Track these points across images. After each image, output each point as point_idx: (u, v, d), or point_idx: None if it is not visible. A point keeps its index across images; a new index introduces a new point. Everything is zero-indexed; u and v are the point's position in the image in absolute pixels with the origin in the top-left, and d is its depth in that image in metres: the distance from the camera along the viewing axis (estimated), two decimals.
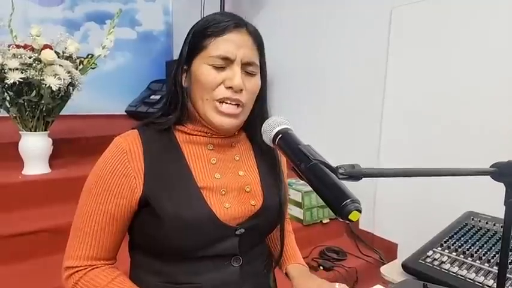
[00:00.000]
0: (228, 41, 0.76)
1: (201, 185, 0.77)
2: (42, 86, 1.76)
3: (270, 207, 0.84)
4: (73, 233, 0.77)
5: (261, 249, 0.89)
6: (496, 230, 1.24)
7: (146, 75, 3.64)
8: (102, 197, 0.74)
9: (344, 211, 0.45)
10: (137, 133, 0.78)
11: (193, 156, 0.80)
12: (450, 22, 1.66)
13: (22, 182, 1.85)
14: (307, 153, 0.55)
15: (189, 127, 0.81)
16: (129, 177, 0.74)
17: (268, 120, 0.68)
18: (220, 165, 0.82)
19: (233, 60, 0.76)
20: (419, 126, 1.78)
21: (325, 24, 2.29)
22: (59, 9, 3.37)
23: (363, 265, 1.90)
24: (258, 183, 0.86)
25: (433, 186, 1.62)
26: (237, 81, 0.75)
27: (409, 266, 1.17)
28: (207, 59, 0.76)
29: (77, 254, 0.75)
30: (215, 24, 0.76)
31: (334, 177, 0.50)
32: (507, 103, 1.46)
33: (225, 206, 0.77)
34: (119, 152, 0.75)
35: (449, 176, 0.68)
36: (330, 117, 2.30)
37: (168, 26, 3.95)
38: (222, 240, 0.77)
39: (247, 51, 0.77)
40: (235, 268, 0.80)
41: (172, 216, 0.72)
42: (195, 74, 0.77)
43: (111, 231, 0.76)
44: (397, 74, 1.89)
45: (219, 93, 0.76)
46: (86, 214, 0.75)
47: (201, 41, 0.77)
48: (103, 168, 0.75)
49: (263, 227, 0.85)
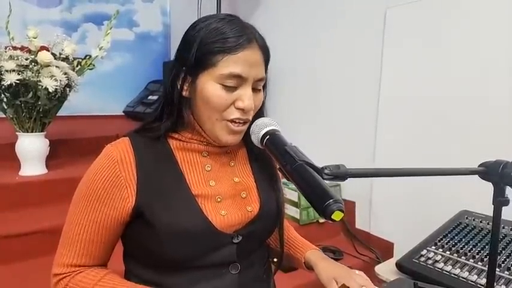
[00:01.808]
0: (241, 60, 0.71)
1: (195, 192, 0.75)
2: (38, 87, 1.76)
3: (267, 212, 0.82)
4: (62, 240, 0.76)
5: (260, 255, 0.87)
6: (490, 228, 1.24)
7: (144, 75, 3.65)
8: (92, 206, 0.72)
9: (327, 211, 0.46)
10: (128, 141, 0.76)
11: (187, 163, 0.78)
12: (445, 22, 1.66)
13: (19, 182, 1.85)
14: (293, 154, 0.56)
15: (184, 135, 0.79)
16: (120, 187, 0.72)
17: (257, 122, 0.69)
18: (215, 172, 0.80)
19: (245, 80, 0.72)
20: (414, 127, 1.78)
21: (320, 25, 2.29)
22: (56, 10, 3.37)
23: (360, 264, 1.90)
24: (254, 188, 0.84)
25: (429, 185, 1.62)
26: (248, 103, 0.72)
27: (403, 265, 1.18)
28: (217, 77, 0.71)
29: (64, 261, 0.74)
30: (224, 38, 0.71)
31: (318, 177, 0.51)
32: (504, 103, 1.47)
33: (221, 214, 0.75)
34: (110, 162, 0.72)
35: (437, 175, 0.68)
36: (324, 118, 2.30)
37: (165, 27, 3.96)
38: (219, 248, 0.75)
39: (258, 69, 0.74)
40: (233, 275, 0.78)
41: (167, 226, 0.70)
42: (202, 91, 0.73)
43: (99, 241, 0.74)
44: (391, 75, 1.89)
45: (229, 114, 0.73)
46: (75, 222, 0.74)
47: (210, 56, 0.71)
48: (93, 177, 0.73)
49: (261, 233, 0.84)
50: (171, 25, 3.96)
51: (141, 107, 3.34)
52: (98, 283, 0.73)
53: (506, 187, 0.67)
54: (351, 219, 2.15)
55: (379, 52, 1.93)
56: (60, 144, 2.23)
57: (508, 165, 0.67)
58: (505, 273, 1.05)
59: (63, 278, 0.74)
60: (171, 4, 3.95)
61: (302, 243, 0.98)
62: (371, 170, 0.56)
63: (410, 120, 1.80)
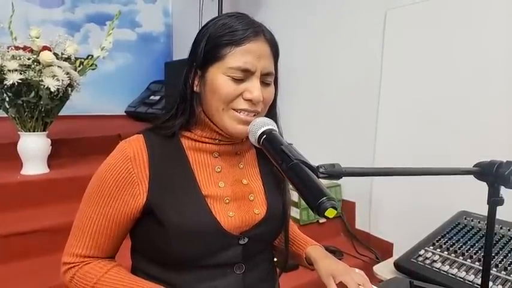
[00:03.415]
0: (248, 51, 0.73)
1: (205, 193, 0.76)
2: (40, 87, 1.77)
3: (273, 215, 0.83)
4: (73, 231, 0.78)
5: (265, 256, 0.88)
6: None
7: (146, 76, 3.66)
8: (104, 200, 0.74)
9: (320, 208, 0.47)
10: (142, 138, 0.77)
11: (198, 163, 0.79)
12: (444, 24, 1.67)
13: (21, 181, 1.86)
14: (288, 153, 0.56)
15: (196, 133, 0.80)
16: (132, 183, 0.73)
17: (254, 121, 0.70)
18: (225, 173, 0.81)
19: (253, 72, 0.74)
20: (414, 127, 1.79)
21: (320, 26, 2.30)
22: (59, 10, 3.38)
23: (359, 264, 1.90)
24: (262, 191, 0.85)
25: (429, 187, 1.63)
26: (256, 94, 0.73)
27: (401, 265, 1.18)
28: (225, 69, 0.73)
29: (74, 251, 0.76)
30: (232, 31, 0.73)
31: (313, 176, 0.51)
32: (502, 104, 1.47)
33: (229, 215, 0.77)
34: (123, 158, 0.74)
35: (433, 175, 0.69)
36: (324, 118, 2.31)
37: (167, 28, 3.97)
38: (226, 249, 0.77)
39: (266, 62, 0.75)
40: (238, 275, 0.79)
41: (176, 225, 0.72)
42: (211, 84, 0.74)
43: (109, 235, 0.76)
44: (391, 75, 1.90)
45: (237, 104, 0.74)
46: (86, 215, 0.75)
47: (218, 49, 0.73)
48: (106, 172, 0.74)
49: (267, 236, 0.85)
50: (173, 26, 3.98)
51: (143, 107, 3.35)
52: (105, 275, 0.74)
53: (501, 187, 0.68)
54: (351, 220, 2.15)
55: (379, 53, 1.94)
56: (62, 143, 2.24)
57: (502, 165, 0.68)
58: (502, 273, 1.06)
59: (72, 267, 0.76)
60: (173, 5, 3.97)
61: (304, 239, 1.00)
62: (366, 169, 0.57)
63: (410, 121, 1.81)
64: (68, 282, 0.77)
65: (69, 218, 0.79)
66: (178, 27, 3.91)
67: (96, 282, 0.74)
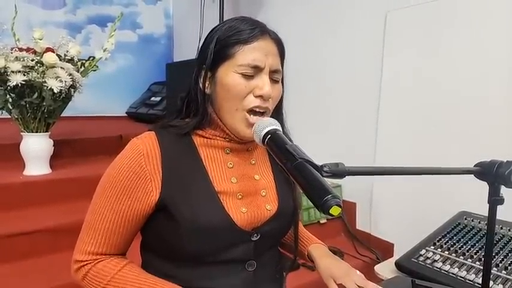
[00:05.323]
0: (256, 49, 0.75)
1: (218, 189, 0.76)
2: (43, 88, 1.78)
3: (284, 211, 0.84)
4: (84, 228, 0.78)
5: (274, 254, 0.89)
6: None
7: (147, 77, 3.68)
8: (116, 197, 0.74)
9: (325, 206, 0.48)
10: (154, 135, 0.77)
11: (210, 160, 0.79)
12: (445, 25, 1.67)
13: (23, 182, 1.87)
14: (293, 152, 0.57)
15: (208, 132, 0.81)
16: (145, 180, 0.73)
17: (258, 121, 0.71)
18: (237, 169, 0.82)
19: (262, 69, 0.75)
20: (415, 128, 1.80)
21: (321, 28, 2.31)
22: (61, 12, 3.40)
23: (360, 265, 1.91)
24: (274, 187, 0.86)
25: (430, 187, 1.64)
26: (266, 90, 0.75)
27: (402, 265, 1.19)
28: (235, 67, 0.75)
29: (86, 249, 0.76)
30: (239, 31, 0.76)
31: (317, 174, 0.52)
32: (503, 104, 1.48)
33: (242, 211, 0.77)
34: (136, 154, 0.74)
35: (433, 174, 0.70)
36: (325, 118, 2.32)
37: (168, 29, 3.99)
38: (238, 245, 0.77)
39: (274, 59, 0.77)
40: (249, 272, 0.79)
41: (189, 221, 0.72)
42: (222, 83, 0.76)
43: (121, 232, 0.76)
44: (392, 76, 1.91)
45: (248, 102, 0.75)
46: (98, 212, 0.75)
47: (227, 49, 0.75)
48: (119, 169, 0.74)
49: (277, 232, 0.86)
50: (174, 27, 4.00)
51: (144, 108, 3.36)
52: (119, 273, 0.74)
53: (501, 186, 0.69)
54: (351, 220, 2.16)
55: (380, 54, 1.95)
56: (64, 144, 2.24)
57: (502, 165, 0.68)
58: (502, 272, 1.07)
59: (85, 265, 0.76)
60: (174, 6, 3.99)
61: (308, 237, 1.01)
62: (369, 168, 0.58)
63: (410, 122, 1.82)
64: (80, 281, 0.77)
65: (72, 218, 0.80)
66: (179, 28, 3.92)
67: (110, 280, 0.74)
